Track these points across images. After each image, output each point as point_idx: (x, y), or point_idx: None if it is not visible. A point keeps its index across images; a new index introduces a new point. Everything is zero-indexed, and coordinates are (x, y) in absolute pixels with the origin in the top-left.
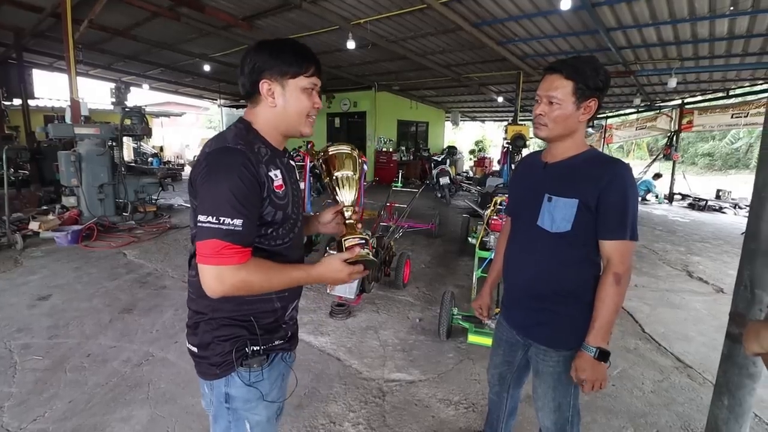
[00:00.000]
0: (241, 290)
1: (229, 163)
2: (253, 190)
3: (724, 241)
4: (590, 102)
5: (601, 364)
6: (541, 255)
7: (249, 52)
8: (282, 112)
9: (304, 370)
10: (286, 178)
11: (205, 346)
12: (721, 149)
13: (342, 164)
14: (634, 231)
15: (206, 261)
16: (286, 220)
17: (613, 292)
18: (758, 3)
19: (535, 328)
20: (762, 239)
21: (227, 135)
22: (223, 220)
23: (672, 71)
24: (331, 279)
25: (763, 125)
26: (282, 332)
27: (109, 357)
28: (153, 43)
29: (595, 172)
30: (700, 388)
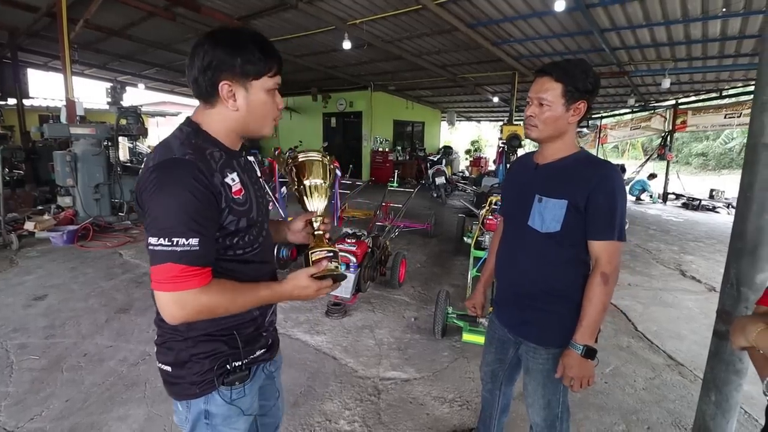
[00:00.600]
0: (203, 315)
1: (178, 176)
2: (208, 204)
3: (718, 240)
4: (579, 104)
5: (588, 361)
6: (530, 254)
7: (202, 44)
8: (245, 116)
9: (300, 369)
10: (245, 181)
11: (181, 365)
12: (714, 149)
13: (312, 172)
14: (621, 232)
15: (162, 287)
16: (252, 226)
17: (600, 292)
18: (750, 4)
19: (525, 326)
20: (747, 239)
21: (172, 143)
22: (177, 240)
23: (665, 72)
24: (298, 295)
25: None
26: (263, 341)
27: (106, 356)
28: (149, 43)
29: (585, 173)
30: (691, 385)
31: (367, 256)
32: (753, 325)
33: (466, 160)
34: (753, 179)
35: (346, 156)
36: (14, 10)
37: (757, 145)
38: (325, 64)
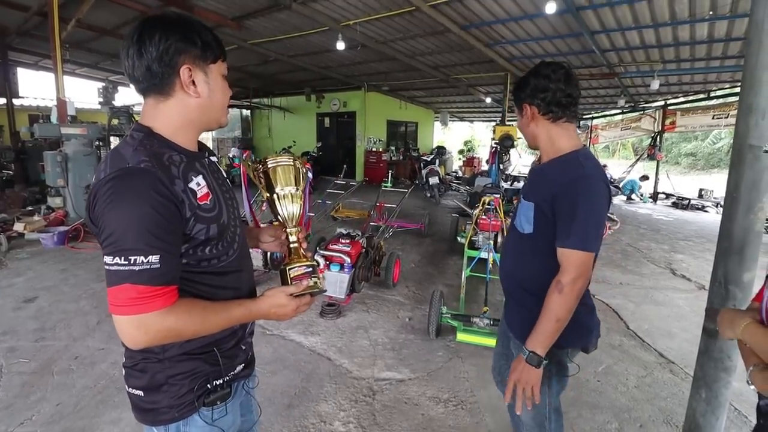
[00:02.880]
0: (169, 339)
1: (135, 188)
2: (170, 216)
3: (707, 239)
4: (524, 108)
5: (530, 368)
6: (513, 253)
7: (152, 29)
8: (206, 102)
9: (294, 371)
10: (211, 183)
11: (156, 389)
12: (703, 149)
13: (283, 178)
14: (584, 240)
15: (121, 311)
16: (225, 231)
17: (553, 300)
18: (736, 8)
19: (512, 321)
20: (734, 238)
21: (124, 152)
22: (135, 259)
23: (655, 73)
24: (275, 315)
25: (734, 131)
26: (243, 355)
27: (97, 359)
28: None
29: (552, 177)
30: (682, 383)
31: (362, 257)
32: (740, 319)
33: (459, 160)
34: (739, 180)
35: (339, 156)
36: (4, 9)
37: (743, 147)
38: (318, 65)
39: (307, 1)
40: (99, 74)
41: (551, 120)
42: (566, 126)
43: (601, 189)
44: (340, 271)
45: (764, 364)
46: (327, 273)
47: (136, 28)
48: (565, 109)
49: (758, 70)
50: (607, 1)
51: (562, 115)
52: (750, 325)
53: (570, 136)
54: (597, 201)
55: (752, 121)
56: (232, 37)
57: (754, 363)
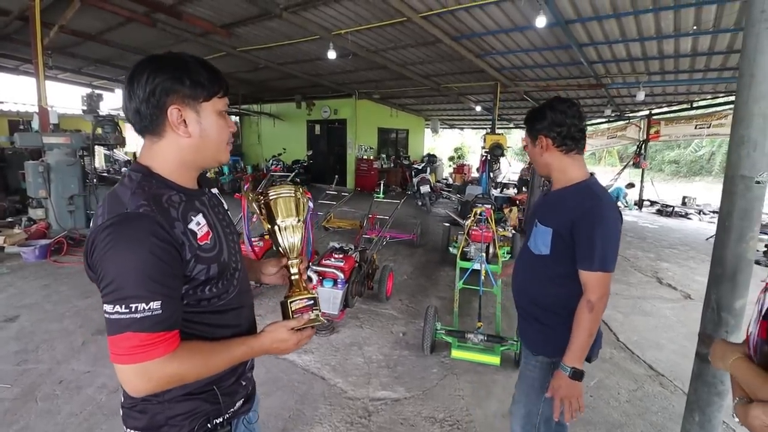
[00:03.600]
0: (171, 384)
1: (134, 235)
2: (171, 260)
3: (690, 247)
4: (539, 139)
5: (575, 383)
6: (527, 271)
7: (141, 71)
8: (198, 142)
9: (288, 392)
10: (211, 222)
11: (155, 430)
12: (686, 157)
13: (284, 210)
14: (604, 263)
15: (123, 360)
16: (225, 270)
17: (586, 318)
18: (719, 23)
19: (523, 332)
20: (727, 265)
21: (122, 195)
22: (136, 306)
23: (640, 84)
24: (277, 350)
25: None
26: (243, 391)
27: (83, 383)
28: (127, 48)
29: (571, 205)
30: (672, 396)
31: (355, 271)
32: (730, 353)
33: (450, 167)
34: (731, 209)
35: (330, 163)
36: None
37: (735, 177)
38: (309, 72)
39: (297, 10)
40: (83, 79)
41: (564, 152)
42: (576, 157)
43: (616, 215)
44: (334, 287)
45: (748, 398)
46: (320, 289)
47: (129, 71)
48: (577, 142)
49: (749, 103)
50: (596, 16)
51: (574, 148)
52: (738, 360)
53: (579, 166)
54: (613, 225)
55: (744, 152)
56: (221, 44)
57: (739, 396)
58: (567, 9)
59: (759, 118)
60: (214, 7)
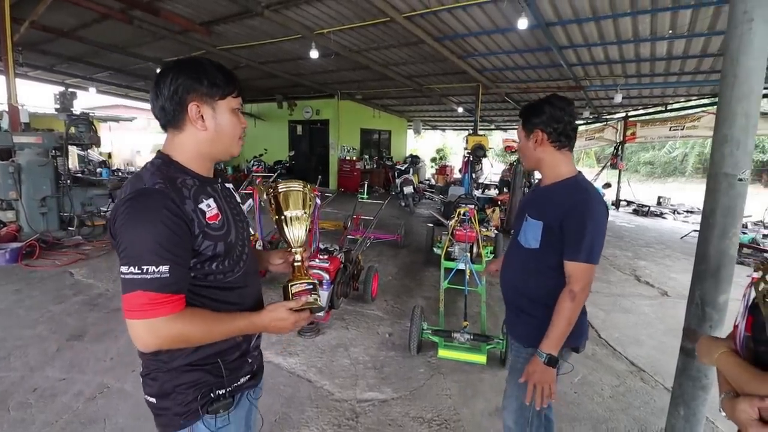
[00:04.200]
0: (177, 343)
1: (149, 206)
2: (180, 231)
3: (666, 245)
4: (535, 133)
5: (549, 368)
6: (516, 265)
7: (166, 73)
8: (213, 136)
9: (274, 395)
10: (222, 206)
11: (165, 396)
12: (660, 158)
13: (292, 203)
14: (590, 255)
15: (134, 315)
16: (231, 250)
17: (567, 307)
18: (694, 27)
19: (513, 326)
20: (710, 261)
21: (144, 175)
22: (147, 268)
23: (617, 87)
24: (275, 328)
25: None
26: (248, 367)
27: (58, 391)
28: (101, 46)
29: (561, 199)
30: (653, 391)
31: (340, 272)
32: (716, 347)
33: (432, 168)
34: (715, 206)
35: (313, 164)
36: None
37: (718, 175)
38: (290, 72)
39: (279, 8)
40: (55, 77)
41: (557, 148)
42: (567, 154)
43: (603, 210)
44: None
45: (735, 393)
46: None
47: (156, 74)
48: (570, 140)
49: (732, 103)
50: (576, 18)
51: (566, 145)
52: (724, 354)
53: (569, 163)
54: (600, 220)
55: (727, 150)
56: (201, 42)
57: (726, 390)
58: (548, 11)
59: (741, 118)
60: (193, 4)
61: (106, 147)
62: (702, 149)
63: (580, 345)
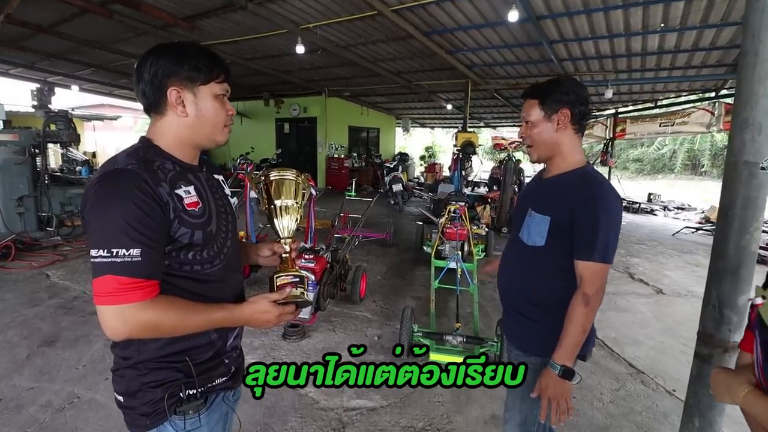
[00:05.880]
0: (147, 331)
1: (120, 186)
2: (153, 214)
3: (658, 242)
4: (560, 112)
5: (565, 382)
6: (518, 265)
7: (147, 57)
8: (195, 122)
9: (255, 404)
10: (205, 195)
11: (132, 395)
12: (649, 155)
13: (284, 191)
14: (605, 254)
15: (103, 301)
16: (211, 240)
17: (580, 313)
18: (686, 21)
19: (511, 330)
20: (729, 259)
21: (118, 156)
22: (117, 251)
23: (608, 82)
24: (257, 322)
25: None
26: (223, 368)
27: (25, 401)
28: (83, 42)
29: (572, 191)
30: (654, 395)
31: (327, 272)
32: (737, 385)
33: (421, 166)
34: (734, 197)
35: (300, 163)
36: None
37: (738, 163)
38: (277, 68)
39: (263, 1)
40: (35, 75)
41: (576, 131)
42: (581, 141)
43: (619, 205)
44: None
45: None
46: None
47: (137, 62)
48: (584, 127)
49: (754, 82)
50: (566, 11)
51: (582, 132)
52: (750, 394)
53: (581, 151)
54: (617, 216)
55: (748, 136)
56: (184, 37)
57: None
58: (538, 4)
59: (764, 99)
60: None
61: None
62: (691, 146)
63: (587, 352)
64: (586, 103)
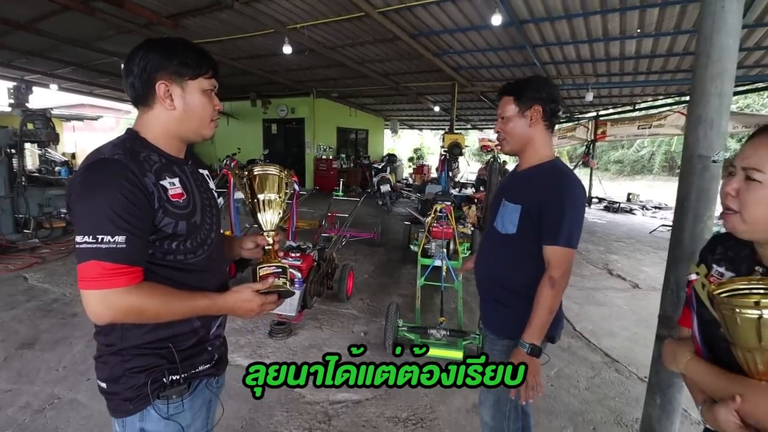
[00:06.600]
0: (131, 316)
1: (106, 175)
2: (139, 203)
3: (636, 239)
4: (533, 109)
5: (534, 359)
6: (492, 253)
7: (137, 51)
8: (182, 115)
9: (241, 400)
10: (189, 187)
11: (115, 380)
12: (629, 157)
13: (267, 186)
14: (570, 239)
15: (88, 285)
16: (194, 231)
17: (547, 294)
18: (660, 27)
19: (488, 318)
20: (685, 246)
21: (104, 147)
22: (102, 238)
23: (589, 86)
24: (240, 310)
25: (684, 142)
26: (206, 355)
27: (4, 403)
28: (63, 39)
29: (542, 182)
30: (628, 381)
31: (313, 271)
32: (682, 354)
33: (410, 168)
34: (689, 189)
35: (288, 164)
36: None
37: (693, 157)
38: (264, 69)
39: (250, 1)
40: (12, 73)
41: (547, 127)
42: (551, 137)
43: (583, 194)
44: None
45: (712, 401)
46: None
47: (128, 55)
48: (555, 124)
49: (707, 82)
50: (548, 16)
51: (552, 128)
52: (691, 361)
53: (551, 146)
54: (581, 204)
55: (701, 132)
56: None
57: (702, 399)
58: (521, 8)
59: (715, 98)
60: None
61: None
62: (668, 147)
63: (556, 335)
64: (557, 101)
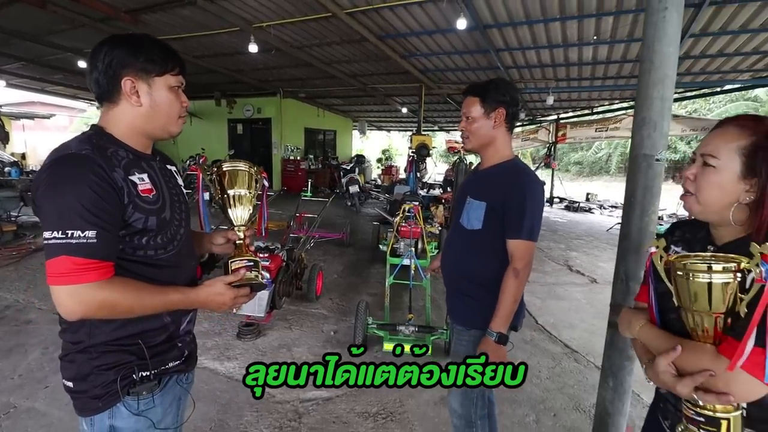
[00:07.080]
0: (103, 311)
1: (74, 170)
2: (108, 197)
3: (594, 237)
4: (497, 111)
5: (501, 346)
6: (458, 248)
7: (101, 46)
8: (149, 111)
9: (209, 402)
10: (157, 182)
11: (83, 378)
12: (588, 158)
13: (236, 182)
14: (531, 232)
15: (58, 281)
16: (164, 227)
17: (512, 284)
18: (615, 34)
19: (454, 309)
20: (632, 239)
21: (70, 142)
22: (72, 233)
23: (549, 90)
24: (212, 303)
25: (630, 142)
26: (176, 351)
27: None
28: (11, 33)
29: (504, 180)
30: (586, 370)
31: (282, 271)
32: (636, 320)
33: (378, 169)
34: (635, 186)
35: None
36: None
37: (638, 156)
38: (229, 67)
39: None
40: None
41: (507, 129)
42: (511, 138)
43: (543, 191)
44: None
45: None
46: None
47: (92, 50)
48: (515, 126)
49: (650, 86)
50: (510, 22)
51: (512, 129)
52: (645, 326)
53: (511, 146)
54: (540, 200)
55: (645, 132)
56: (126, 32)
57: (648, 359)
58: (485, 13)
59: (658, 101)
60: None
61: (20, 147)
62: (624, 149)
63: (518, 324)
64: (518, 104)
